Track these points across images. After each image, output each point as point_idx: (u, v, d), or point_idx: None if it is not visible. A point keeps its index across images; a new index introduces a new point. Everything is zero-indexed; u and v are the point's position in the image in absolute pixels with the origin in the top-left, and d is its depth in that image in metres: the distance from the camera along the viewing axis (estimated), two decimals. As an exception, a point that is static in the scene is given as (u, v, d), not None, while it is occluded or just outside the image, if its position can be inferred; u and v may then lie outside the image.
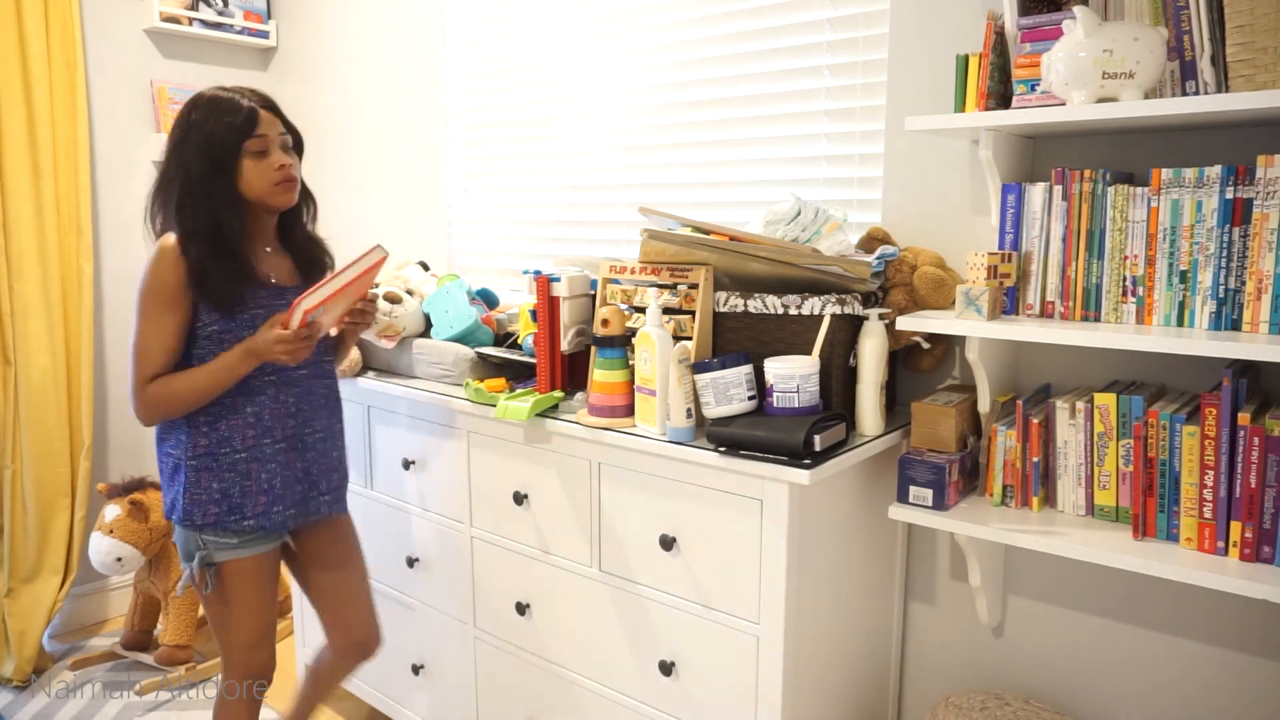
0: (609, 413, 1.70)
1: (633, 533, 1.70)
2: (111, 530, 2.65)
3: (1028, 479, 1.56)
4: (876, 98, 1.89)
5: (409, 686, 2.28)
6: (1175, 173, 1.38)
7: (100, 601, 3.15)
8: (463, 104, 2.77)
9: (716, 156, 2.18)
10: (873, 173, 1.92)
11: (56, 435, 2.80)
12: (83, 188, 2.86)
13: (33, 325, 2.75)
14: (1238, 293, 1.34)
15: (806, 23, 1.98)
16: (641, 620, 1.71)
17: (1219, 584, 1.30)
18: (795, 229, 1.71)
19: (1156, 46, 1.32)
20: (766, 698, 1.54)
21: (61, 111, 2.81)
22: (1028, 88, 1.49)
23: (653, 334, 1.62)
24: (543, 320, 1.85)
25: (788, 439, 1.45)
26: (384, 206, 3.05)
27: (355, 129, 3.12)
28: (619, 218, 2.41)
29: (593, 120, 2.43)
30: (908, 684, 1.97)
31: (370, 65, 3.02)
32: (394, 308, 2.14)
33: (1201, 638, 1.61)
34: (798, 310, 1.62)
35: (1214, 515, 1.36)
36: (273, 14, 3.34)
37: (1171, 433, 1.40)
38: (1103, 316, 1.47)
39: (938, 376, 1.86)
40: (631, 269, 1.79)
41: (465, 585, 2.06)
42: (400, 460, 2.17)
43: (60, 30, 2.79)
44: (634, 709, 1.75)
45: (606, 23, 2.36)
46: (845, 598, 1.70)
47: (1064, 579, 1.75)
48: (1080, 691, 1.75)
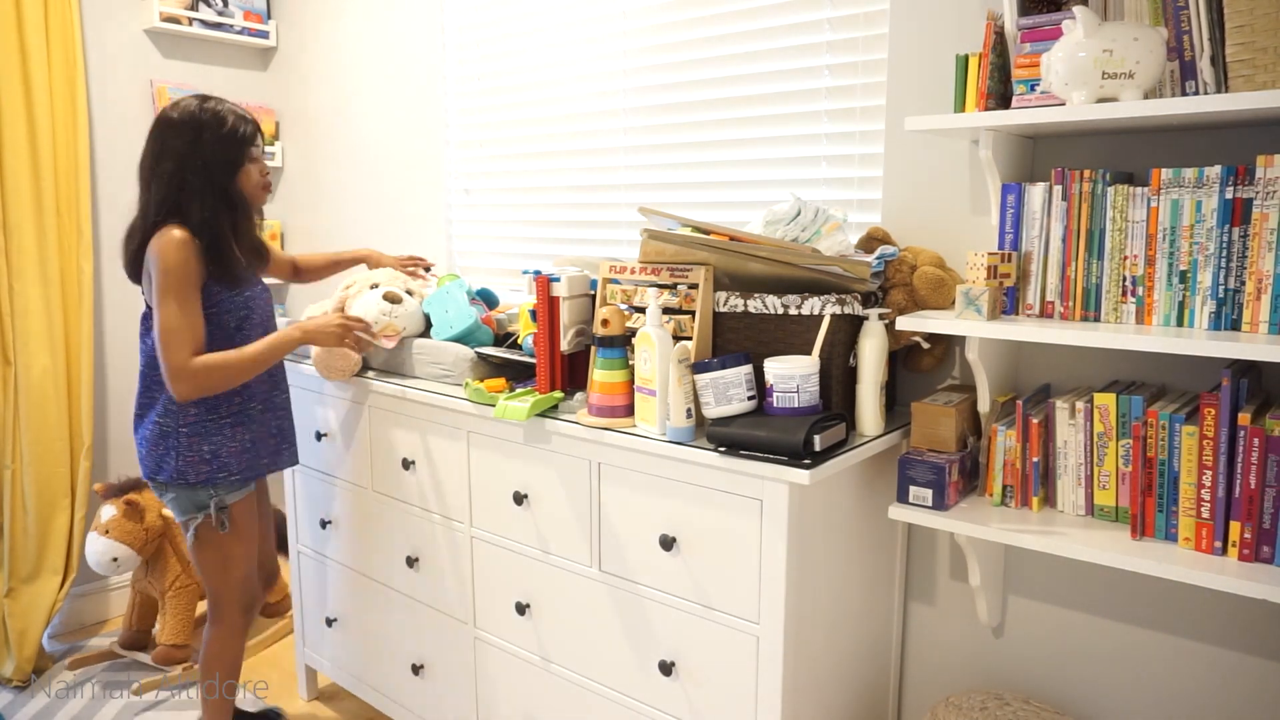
0: (609, 413, 1.70)
1: (633, 533, 1.70)
2: (107, 531, 2.65)
3: (1027, 479, 1.56)
4: (876, 98, 1.89)
5: (409, 686, 2.28)
6: (1175, 173, 1.38)
7: (100, 601, 3.15)
8: (463, 104, 2.77)
9: (716, 156, 2.18)
10: (873, 173, 1.92)
11: (56, 435, 2.80)
12: (83, 188, 2.86)
13: (33, 325, 2.75)
14: (1237, 293, 1.34)
15: (806, 23, 1.98)
16: (641, 620, 1.71)
17: (1218, 584, 1.30)
18: (795, 229, 1.71)
19: (1156, 46, 1.32)
20: (766, 697, 1.54)
21: (61, 111, 2.80)
22: (1028, 88, 1.49)
23: (653, 334, 1.62)
24: (543, 320, 1.85)
25: (788, 439, 1.45)
26: (384, 206, 3.05)
27: (355, 129, 3.12)
28: (619, 218, 2.41)
29: (592, 120, 2.43)
30: (908, 684, 1.97)
31: (370, 65, 3.02)
32: (394, 308, 2.14)
33: (1201, 638, 1.61)
34: (798, 310, 1.62)
35: (1212, 515, 1.36)
36: (273, 14, 3.34)
37: (1171, 433, 1.40)
38: (1103, 316, 1.47)
39: (938, 376, 1.86)
40: (631, 269, 1.79)
41: (465, 585, 2.06)
42: (400, 460, 2.17)
43: (60, 30, 2.79)
44: (634, 709, 1.75)
45: (606, 22, 2.36)
46: (845, 598, 1.70)
47: (1064, 579, 1.75)
48: (1080, 691, 1.75)
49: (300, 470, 2.51)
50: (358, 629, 2.41)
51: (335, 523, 2.42)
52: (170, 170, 1.85)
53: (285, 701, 2.64)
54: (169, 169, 1.86)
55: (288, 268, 2.38)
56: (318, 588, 2.53)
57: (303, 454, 2.48)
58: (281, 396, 2.12)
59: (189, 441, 1.93)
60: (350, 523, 2.37)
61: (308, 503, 2.51)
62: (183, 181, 1.85)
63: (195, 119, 1.87)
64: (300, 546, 2.56)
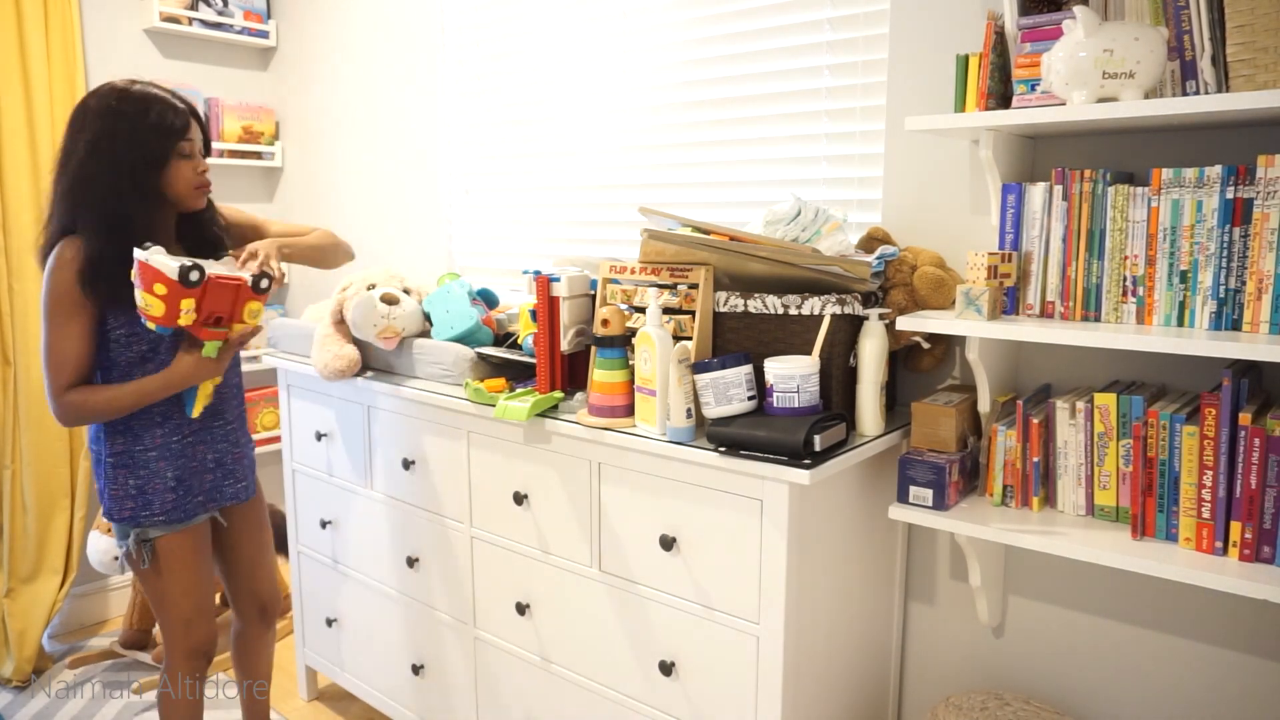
0: (609, 413, 1.70)
1: (633, 533, 1.70)
2: (109, 529, 2.65)
3: (1028, 479, 1.56)
4: (876, 98, 1.89)
5: (409, 686, 2.28)
6: (1175, 173, 1.38)
7: (100, 601, 3.15)
8: (462, 104, 2.77)
9: (716, 156, 2.18)
10: (873, 173, 1.92)
11: (56, 435, 2.80)
12: (82, 188, 2.86)
13: (33, 325, 2.75)
14: (1238, 293, 1.34)
15: (806, 23, 1.98)
16: (641, 620, 1.71)
17: (1218, 584, 1.30)
18: (795, 229, 1.71)
19: (1157, 46, 1.32)
20: (766, 698, 1.54)
21: (61, 111, 2.80)
22: (1028, 88, 1.49)
23: (653, 334, 1.62)
24: (543, 320, 1.85)
25: (788, 439, 1.45)
26: (383, 206, 3.05)
27: (355, 128, 3.12)
28: (619, 218, 2.40)
29: (593, 120, 2.43)
30: (908, 684, 1.97)
31: (370, 65, 3.02)
32: (391, 309, 2.14)
33: (1201, 638, 1.61)
34: (798, 310, 1.62)
35: (1212, 515, 1.36)
36: (273, 14, 3.34)
37: (1171, 433, 1.40)
38: (1103, 316, 1.47)
39: (938, 376, 1.86)
40: (631, 269, 1.79)
41: (465, 585, 2.06)
42: (400, 460, 2.17)
43: (60, 30, 2.79)
44: (634, 709, 1.75)
45: (606, 22, 2.35)
46: (845, 598, 1.70)
47: (1064, 579, 1.75)
48: (1080, 691, 1.75)
49: (300, 470, 2.51)
50: (358, 629, 2.41)
51: (335, 523, 2.42)
52: (76, 166, 1.61)
53: (285, 702, 2.65)
54: (75, 164, 1.62)
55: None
56: (318, 588, 2.53)
57: (303, 454, 2.48)
58: (225, 426, 1.89)
59: (114, 474, 1.76)
60: (350, 523, 2.37)
61: (308, 503, 2.51)
62: (89, 180, 1.61)
63: (112, 108, 1.61)
64: (300, 546, 2.56)
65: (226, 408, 1.90)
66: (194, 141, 1.71)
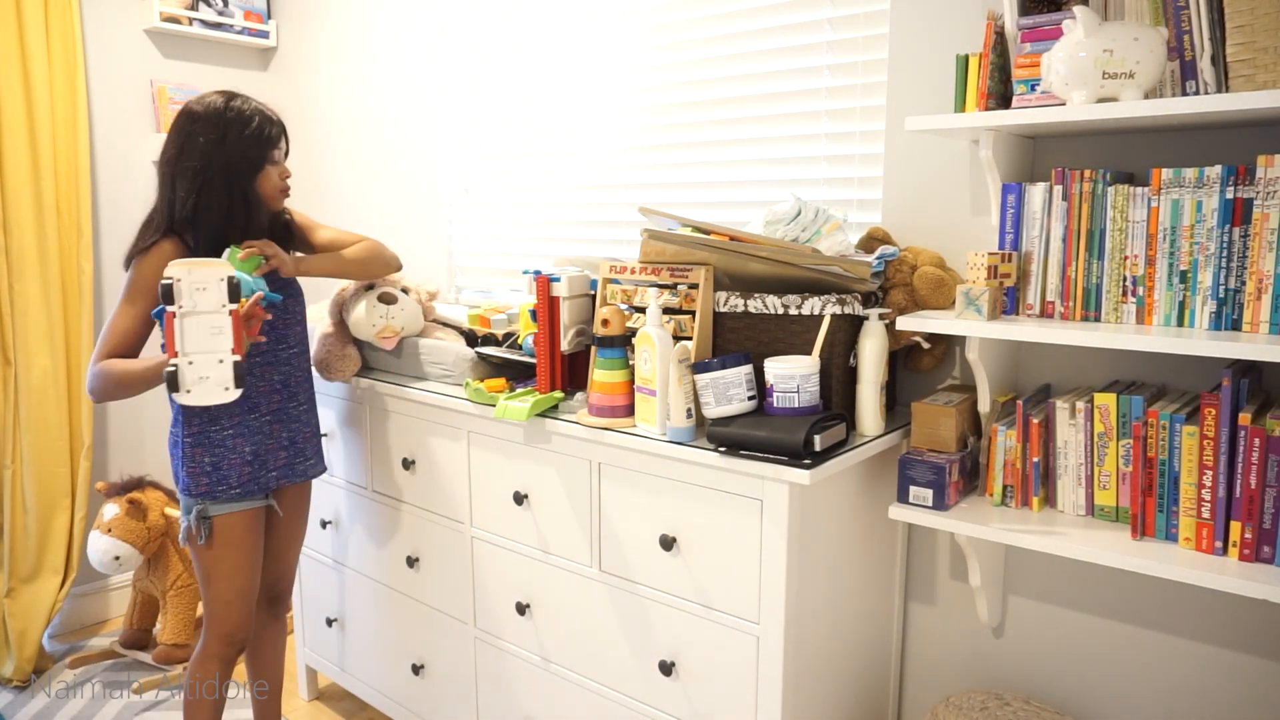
0: (609, 413, 1.70)
1: (633, 533, 1.70)
2: (110, 529, 2.65)
3: (1028, 479, 1.56)
4: (876, 98, 1.89)
5: (409, 686, 2.28)
6: (1175, 173, 1.38)
7: (100, 601, 3.15)
8: (462, 104, 2.77)
9: (716, 156, 2.18)
10: (873, 173, 1.92)
11: (56, 435, 2.80)
12: (83, 188, 2.85)
13: (33, 325, 2.75)
14: (1238, 293, 1.34)
15: (806, 23, 1.98)
16: (641, 620, 1.71)
17: (1218, 584, 1.30)
18: (795, 229, 1.71)
19: (1156, 46, 1.32)
20: (766, 698, 1.54)
21: (61, 111, 2.81)
22: (1028, 88, 1.49)
23: (653, 334, 1.62)
24: (543, 320, 1.85)
25: (788, 439, 1.45)
26: (383, 206, 3.05)
27: (355, 129, 3.12)
28: (619, 218, 2.40)
29: (593, 120, 2.43)
30: (908, 684, 1.97)
31: (370, 65, 3.02)
32: (389, 309, 2.13)
33: (1201, 638, 1.61)
34: (798, 310, 1.62)
35: (1212, 515, 1.36)
36: (273, 14, 3.34)
37: (1171, 433, 1.40)
38: (1103, 316, 1.47)
39: (938, 376, 1.86)
40: (631, 269, 1.79)
41: (465, 585, 2.06)
42: (400, 460, 2.17)
43: (60, 30, 2.79)
44: (634, 709, 1.75)
45: (606, 22, 2.35)
46: (845, 598, 1.70)
47: (1064, 579, 1.75)
48: (1080, 691, 1.75)
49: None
50: (358, 629, 2.41)
51: (335, 523, 2.42)
52: (194, 168, 1.79)
53: (285, 702, 2.64)
54: (193, 166, 1.79)
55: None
56: (318, 588, 2.53)
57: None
58: (299, 407, 2.02)
59: (192, 453, 1.86)
60: (350, 523, 2.37)
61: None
62: (205, 181, 1.79)
63: (221, 116, 1.81)
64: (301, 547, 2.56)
65: (300, 390, 2.02)
66: (283, 150, 1.91)
